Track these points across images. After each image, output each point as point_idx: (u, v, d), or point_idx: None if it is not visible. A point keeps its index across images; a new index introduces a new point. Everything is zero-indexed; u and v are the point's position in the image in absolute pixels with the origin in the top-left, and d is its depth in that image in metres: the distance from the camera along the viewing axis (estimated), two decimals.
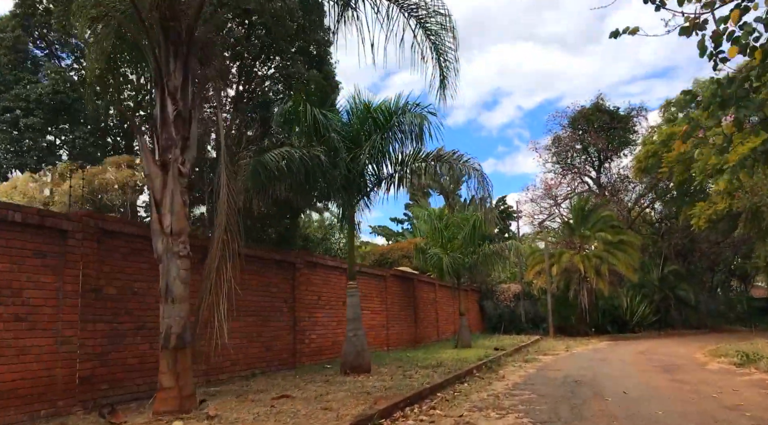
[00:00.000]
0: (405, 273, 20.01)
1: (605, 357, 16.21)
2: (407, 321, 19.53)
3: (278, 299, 12.08)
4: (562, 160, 38.27)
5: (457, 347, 18.58)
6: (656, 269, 32.89)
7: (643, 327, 29.99)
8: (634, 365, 13.90)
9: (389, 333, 17.74)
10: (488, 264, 18.81)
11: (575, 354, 17.87)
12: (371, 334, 16.48)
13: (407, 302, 19.74)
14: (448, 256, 17.91)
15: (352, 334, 11.00)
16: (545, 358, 15.95)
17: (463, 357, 14.05)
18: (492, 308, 30.13)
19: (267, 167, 9.65)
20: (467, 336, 18.72)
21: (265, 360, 11.44)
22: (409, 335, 19.44)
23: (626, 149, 37.33)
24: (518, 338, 24.00)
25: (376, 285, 17.26)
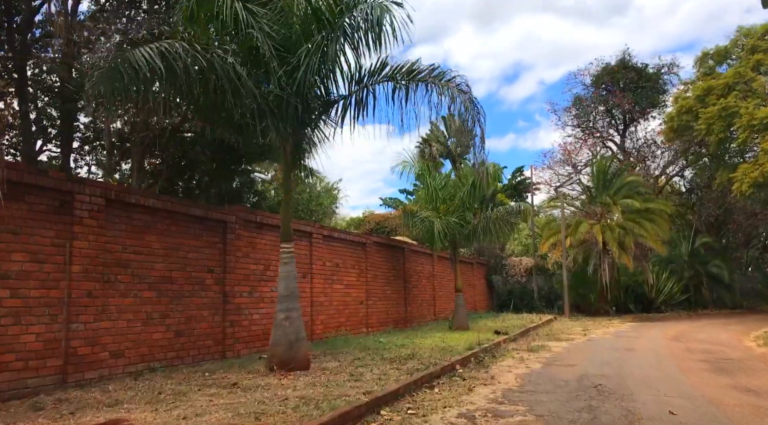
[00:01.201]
0: (393, 241, 16.85)
1: (632, 346, 12.95)
2: (394, 297, 16.43)
3: (198, 268, 9.01)
4: (583, 123, 34.48)
5: (452, 329, 15.47)
6: (685, 243, 29.22)
7: (670, 306, 26.56)
8: (672, 358, 10.63)
9: (369, 311, 14.67)
10: (492, 232, 15.52)
11: (594, 339, 14.63)
12: (344, 313, 13.44)
13: (395, 276, 16.62)
14: (441, 220, 14.66)
15: (284, 316, 7.87)
16: (556, 346, 12.74)
17: (450, 345, 10.91)
18: (501, 284, 26.90)
19: (136, 66, 6.42)
20: (464, 316, 15.57)
21: (174, 350, 8.41)
22: (396, 314, 16.35)
23: (654, 111, 33.44)
24: (528, 318, 20.78)
25: (352, 254, 14.14)
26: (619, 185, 24.17)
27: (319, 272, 12.42)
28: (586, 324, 20.29)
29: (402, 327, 16.40)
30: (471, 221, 15.68)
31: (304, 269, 11.95)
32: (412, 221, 15.32)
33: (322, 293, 12.54)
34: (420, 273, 18.73)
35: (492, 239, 15.97)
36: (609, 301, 24.46)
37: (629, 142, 34.12)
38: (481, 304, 25.41)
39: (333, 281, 13.10)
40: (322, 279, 12.57)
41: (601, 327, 19.07)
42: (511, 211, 15.47)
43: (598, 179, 24.48)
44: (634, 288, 26.43)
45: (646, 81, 32.77)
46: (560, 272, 24.77)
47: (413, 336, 13.23)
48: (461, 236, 15.70)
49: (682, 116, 25.78)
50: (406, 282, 17.39)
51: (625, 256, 22.65)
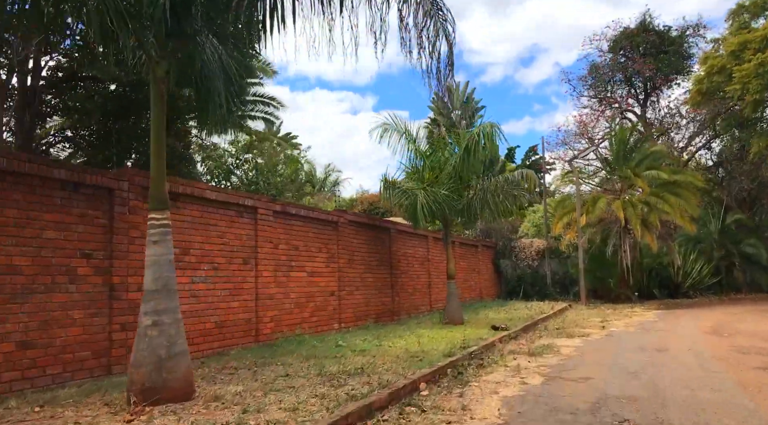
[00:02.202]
0: (375, 220, 14.16)
1: (663, 343, 10.15)
2: (377, 286, 13.80)
3: (66, 252, 6.45)
4: (600, 93, 31.24)
5: (443, 323, 12.81)
6: (715, 221, 26.02)
7: (699, 291, 23.53)
8: (722, 363, 7.84)
9: (342, 304, 12.06)
10: (491, 206, 12.74)
11: (614, 334, 11.86)
12: (307, 307, 10.86)
13: (378, 261, 13.97)
14: (426, 192, 11.92)
15: (150, 322, 5.20)
16: (567, 345, 10.00)
17: (426, 349, 8.25)
18: (510, 268, 24.09)
19: None
20: (457, 307, 12.87)
21: (16, 369, 5.90)
22: (379, 306, 13.73)
23: (678, 78, 30.07)
24: (538, 307, 18.02)
25: (319, 235, 11.51)
26: (642, 156, 21.11)
27: (269, 257, 9.83)
28: (604, 312, 17.47)
29: (386, 321, 13.79)
30: (465, 193, 12.93)
31: (247, 253, 9.36)
32: (392, 194, 12.62)
33: (274, 284, 9.95)
34: (411, 257, 16.05)
35: (492, 215, 13.19)
36: (630, 286, 21.55)
37: (651, 112, 30.85)
38: (488, 291, 22.67)
39: (290, 268, 10.51)
40: (274, 266, 9.98)
41: (622, 316, 16.24)
42: (513, 180, 12.65)
43: (617, 150, 21.43)
44: (658, 271, 23.43)
45: (669, 45, 29.38)
46: (575, 255, 21.91)
47: (389, 334, 10.59)
48: (453, 212, 12.95)
49: (713, 77, 22.57)
50: (393, 268, 14.73)
51: (649, 235, 19.68)
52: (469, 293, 20.39)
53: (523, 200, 13.24)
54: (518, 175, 12.60)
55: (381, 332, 11.03)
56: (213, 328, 8.52)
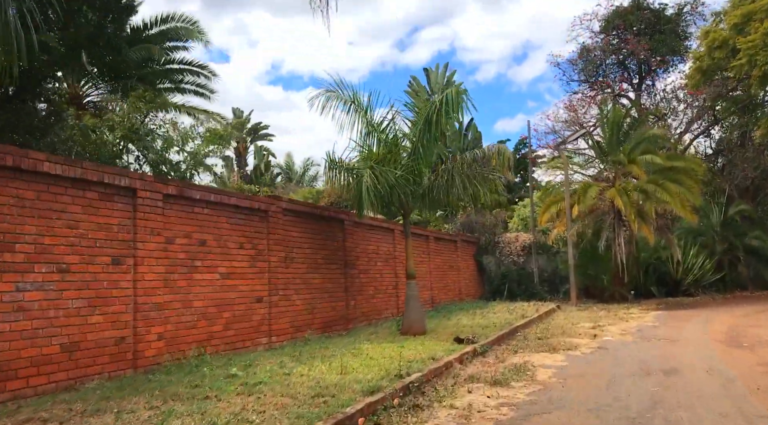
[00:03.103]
0: (322, 209, 11.72)
1: (671, 360, 7.80)
2: (326, 289, 11.40)
3: None
4: (591, 77, 28.90)
5: (401, 333, 10.44)
6: (716, 212, 23.70)
7: (701, 288, 21.23)
8: (761, 395, 5.49)
9: (273, 312, 9.65)
10: (460, 189, 10.31)
11: (608, 346, 9.51)
12: (221, 318, 8.52)
13: (327, 258, 11.57)
14: (374, 171, 9.51)
15: None
16: (546, 366, 7.62)
17: (348, 380, 5.85)
18: (494, 265, 21.72)
19: None
20: (418, 314, 10.48)
21: None
22: (328, 312, 11.34)
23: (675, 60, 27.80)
24: (522, 309, 15.68)
25: (240, 226, 9.10)
26: (638, 140, 18.77)
27: (157, 254, 7.43)
28: (597, 314, 15.14)
29: (337, 331, 11.41)
30: (426, 175, 10.56)
31: (118, 249, 6.96)
32: (335, 176, 10.22)
33: (165, 290, 7.56)
34: (373, 254, 13.67)
35: (460, 202, 10.82)
36: (626, 284, 19.23)
37: (646, 97, 28.55)
38: (469, 291, 20.31)
39: (193, 268, 8.10)
40: (165, 267, 7.58)
41: (617, 319, 13.91)
42: (483, 156, 10.24)
43: (611, 133, 19.08)
44: (656, 267, 21.12)
45: (665, 24, 27.12)
46: (565, 250, 19.58)
47: (319, 352, 8.19)
48: (412, 198, 10.54)
49: (714, 52, 20.22)
50: (349, 266, 12.35)
51: (645, 226, 17.37)
52: (445, 294, 18.03)
53: (498, 185, 10.77)
54: (489, 150, 10.19)
55: (313, 348, 8.64)
56: (58, 353, 6.11)
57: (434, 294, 17.06)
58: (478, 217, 22.10)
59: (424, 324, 10.51)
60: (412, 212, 10.99)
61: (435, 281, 17.27)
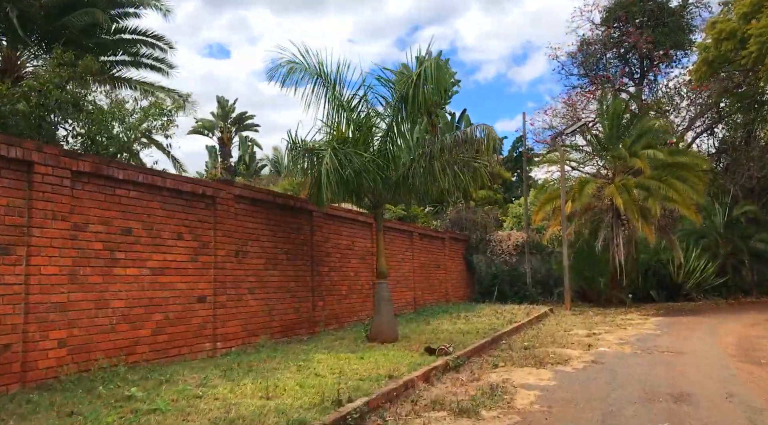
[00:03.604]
0: (283, 198, 10.34)
1: (682, 382, 6.46)
2: (288, 288, 10.05)
3: None
4: (591, 71, 27.53)
5: (369, 340, 9.10)
6: (720, 212, 22.35)
7: (703, 292, 19.91)
8: None
9: (219, 314, 8.30)
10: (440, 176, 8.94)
11: (605, 359, 8.18)
12: (150, 321, 7.23)
13: (291, 253, 10.21)
14: (336, 151, 8.15)
15: None
16: (528, 387, 6.28)
17: (269, 410, 4.51)
18: (485, 265, 20.38)
19: None
20: (388, 319, 9.12)
21: None
22: (290, 314, 9.98)
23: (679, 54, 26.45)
24: (511, 312, 14.38)
25: (179, 212, 7.76)
26: (640, 132, 17.44)
27: (60, 243, 6.09)
28: (592, 320, 13.84)
29: (300, 335, 10.07)
30: (402, 159, 9.22)
31: (6, 236, 5.63)
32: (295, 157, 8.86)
33: (74, 285, 6.22)
34: (348, 250, 12.34)
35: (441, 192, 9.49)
36: (624, 287, 17.91)
37: (647, 92, 27.20)
38: (457, 292, 18.98)
39: (113, 261, 6.76)
40: (73, 259, 6.24)
41: (614, 326, 12.59)
42: (466, 139, 8.87)
43: (611, 125, 17.73)
44: (656, 270, 19.80)
45: (668, 16, 25.75)
46: (560, 250, 18.25)
47: (261, 365, 6.84)
48: (384, 186, 9.18)
49: (721, 43, 18.88)
50: (317, 263, 11.01)
51: (647, 226, 16.05)
52: (430, 295, 16.69)
53: (484, 173, 9.44)
54: (472, 132, 8.84)
55: (258, 358, 7.31)
56: None
57: (417, 295, 15.72)
58: (468, 213, 20.77)
59: (395, 330, 9.17)
60: (385, 203, 9.63)
61: (419, 282, 15.93)
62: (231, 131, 32.82)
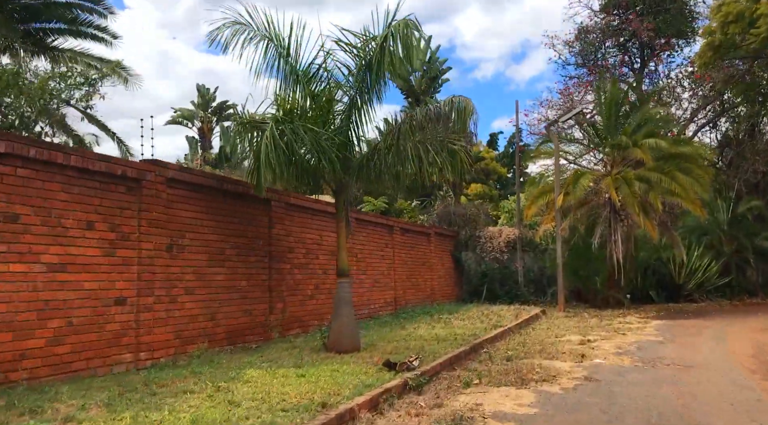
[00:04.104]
0: (233, 183, 8.94)
1: (700, 415, 5.11)
2: (238, 288, 8.69)
3: None
4: (589, 61, 26.14)
5: (327, 349, 7.74)
6: (724, 209, 21.02)
7: (705, 293, 18.57)
8: None
9: (145, 319, 6.93)
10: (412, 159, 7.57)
11: (600, 376, 6.83)
12: (46, 330, 5.82)
13: (241, 248, 8.83)
14: (279, 125, 6.77)
15: None
16: (503, 418, 4.93)
17: None
18: (474, 263, 19.02)
19: None
20: (348, 325, 7.75)
21: None
22: (239, 318, 8.61)
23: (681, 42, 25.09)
24: (499, 314, 13.05)
25: (92, 198, 6.39)
26: (641, 120, 16.06)
27: None
28: (587, 323, 12.51)
29: (251, 342, 8.71)
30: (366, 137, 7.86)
31: None
32: (236, 133, 7.50)
33: None
34: (315, 245, 10.98)
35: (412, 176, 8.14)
36: (622, 287, 16.56)
37: (647, 83, 25.82)
38: (444, 291, 17.63)
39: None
40: None
41: (611, 330, 11.25)
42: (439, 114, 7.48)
43: (608, 113, 16.34)
44: (656, 268, 18.45)
45: (671, 2, 24.36)
46: (554, 247, 16.90)
47: (172, 381, 5.52)
48: (344, 169, 7.80)
49: (728, 26, 17.52)
50: (276, 260, 9.64)
51: (648, 221, 14.70)
52: (413, 295, 15.34)
53: (464, 156, 8.08)
54: (446, 106, 7.46)
55: (180, 375, 5.97)
56: None
57: (399, 295, 14.37)
58: (458, 208, 19.42)
59: (355, 338, 7.81)
60: (347, 189, 8.22)
61: (400, 280, 14.58)
62: (212, 121, 31.35)
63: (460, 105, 7.22)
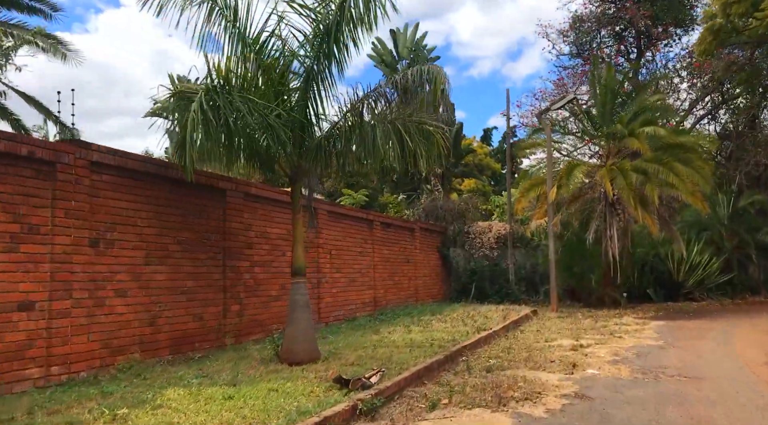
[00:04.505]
0: (174, 168, 7.82)
1: None
2: (183, 288, 7.59)
3: None
4: (584, 50, 25.07)
5: (280, 359, 6.67)
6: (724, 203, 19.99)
7: (706, 291, 17.55)
8: None
9: (54, 327, 5.85)
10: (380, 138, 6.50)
11: (596, 391, 5.78)
12: None
13: (188, 244, 7.73)
14: (211, 94, 5.68)
15: None
16: None
17: None
18: (463, 260, 17.96)
19: None
20: (304, 330, 6.67)
21: None
22: (188, 323, 7.51)
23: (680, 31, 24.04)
24: (486, 315, 12.00)
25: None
26: (638, 109, 15.02)
27: None
28: (581, 324, 11.48)
29: (202, 350, 7.63)
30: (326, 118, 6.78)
31: None
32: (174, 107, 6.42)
33: None
34: (279, 240, 9.88)
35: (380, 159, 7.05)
36: (618, 285, 15.52)
37: (644, 73, 24.74)
38: (430, 290, 16.57)
39: None
40: None
41: (607, 334, 10.20)
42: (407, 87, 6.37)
43: (604, 100, 15.28)
44: (654, 265, 17.39)
45: None
46: (547, 243, 15.85)
47: (58, 409, 4.45)
48: (297, 150, 6.71)
49: (730, 7, 16.45)
50: (232, 257, 8.55)
51: (648, 215, 13.67)
52: (396, 295, 14.28)
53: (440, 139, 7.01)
54: (415, 74, 6.37)
55: (83, 396, 4.91)
56: None
57: (379, 295, 13.30)
58: (446, 202, 18.35)
59: (312, 347, 6.73)
60: (304, 174, 7.13)
61: (381, 279, 13.52)
62: None
63: (430, 73, 6.13)
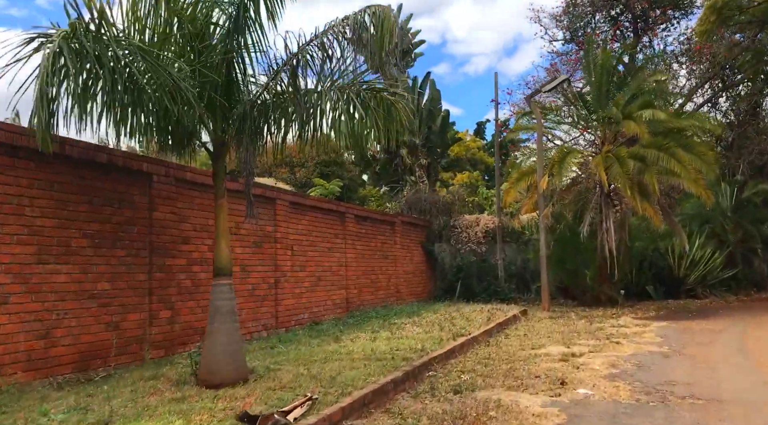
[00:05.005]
0: (85, 148, 6.46)
1: None
2: (92, 292, 6.25)
3: None
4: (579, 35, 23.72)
5: (198, 380, 5.33)
6: (727, 193, 18.73)
7: (709, 287, 16.26)
8: None
9: None
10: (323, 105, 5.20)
11: (588, 422, 4.46)
12: None
13: (105, 238, 6.40)
14: (78, 36, 4.30)
15: None
16: None
17: None
18: (449, 256, 16.62)
19: None
20: (229, 344, 5.32)
21: None
22: (91, 333, 6.16)
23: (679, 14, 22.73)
24: (469, 316, 10.67)
25: None
26: (637, 89, 13.69)
27: None
28: (574, 327, 10.16)
29: (122, 366, 6.29)
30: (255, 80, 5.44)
31: None
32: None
33: None
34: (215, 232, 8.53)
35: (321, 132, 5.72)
36: (615, 281, 14.21)
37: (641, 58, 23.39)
38: (413, 289, 15.24)
39: None
40: None
41: (603, 338, 8.89)
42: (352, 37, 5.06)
43: (599, 82, 13.95)
44: (653, 260, 16.08)
45: None
46: (538, 237, 14.53)
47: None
48: (218, 121, 5.39)
49: None
50: (160, 254, 7.20)
51: (648, 206, 12.38)
52: (373, 295, 12.95)
53: (402, 112, 5.66)
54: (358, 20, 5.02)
55: None
56: None
57: (352, 295, 11.96)
58: (430, 194, 17.02)
59: (239, 364, 5.38)
60: (226, 151, 5.79)
61: (355, 277, 12.17)
62: None
63: (378, 15, 4.80)
